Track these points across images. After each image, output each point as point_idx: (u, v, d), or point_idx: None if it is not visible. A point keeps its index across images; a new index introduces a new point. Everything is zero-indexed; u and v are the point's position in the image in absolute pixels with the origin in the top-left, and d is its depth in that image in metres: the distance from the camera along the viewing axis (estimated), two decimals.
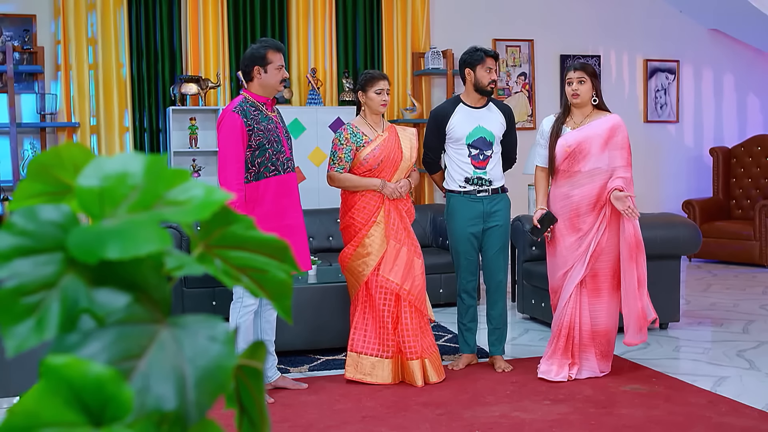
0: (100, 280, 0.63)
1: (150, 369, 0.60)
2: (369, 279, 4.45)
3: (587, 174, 4.46)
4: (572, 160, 4.50)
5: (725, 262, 8.78)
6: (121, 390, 0.55)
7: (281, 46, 4.26)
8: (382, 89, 4.50)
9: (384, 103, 4.51)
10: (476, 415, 3.94)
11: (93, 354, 0.59)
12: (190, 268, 0.71)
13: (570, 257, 4.48)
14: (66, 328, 0.61)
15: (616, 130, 4.46)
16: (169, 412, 0.59)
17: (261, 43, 4.22)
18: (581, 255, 4.45)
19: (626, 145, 4.48)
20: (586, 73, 4.48)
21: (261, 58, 4.16)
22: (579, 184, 4.48)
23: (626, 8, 9.33)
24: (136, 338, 0.62)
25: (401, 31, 8.40)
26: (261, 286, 0.80)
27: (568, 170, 4.52)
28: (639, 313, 4.38)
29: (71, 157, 0.74)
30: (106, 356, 0.59)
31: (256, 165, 4.11)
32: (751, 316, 6.13)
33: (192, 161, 7.63)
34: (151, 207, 0.66)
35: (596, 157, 4.45)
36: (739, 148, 9.30)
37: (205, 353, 0.63)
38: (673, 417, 3.87)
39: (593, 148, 4.45)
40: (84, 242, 0.62)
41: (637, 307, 4.37)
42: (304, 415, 3.99)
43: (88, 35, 7.46)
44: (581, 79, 4.49)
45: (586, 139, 4.46)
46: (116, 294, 0.63)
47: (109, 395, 0.55)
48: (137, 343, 0.61)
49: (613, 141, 4.45)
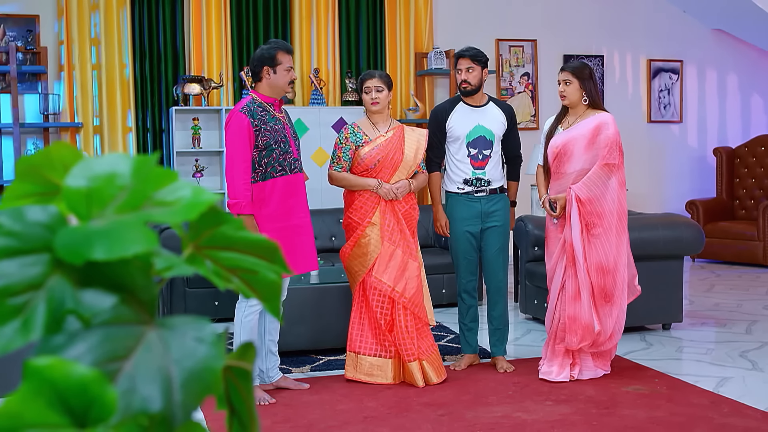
0: (87, 281, 0.63)
1: (136, 370, 0.60)
2: (365, 279, 4.45)
3: (573, 175, 4.45)
4: (559, 162, 4.50)
5: (729, 262, 8.76)
6: (104, 391, 0.55)
7: (291, 48, 4.28)
8: (369, 88, 4.49)
9: (373, 101, 4.48)
10: (478, 415, 3.94)
11: (78, 355, 0.59)
12: (179, 269, 0.70)
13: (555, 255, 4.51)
14: (52, 330, 0.60)
15: (600, 129, 4.43)
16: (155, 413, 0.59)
17: (271, 44, 4.25)
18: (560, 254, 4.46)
19: (610, 143, 4.39)
20: (572, 75, 4.48)
21: (271, 59, 4.18)
22: (566, 185, 4.47)
23: (630, 8, 9.32)
24: (122, 339, 0.61)
25: (404, 31, 8.40)
26: (251, 287, 0.80)
27: (557, 171, 4.52)
28: (572, 319, 4.38)
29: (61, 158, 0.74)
30: (91, 357, 0.59)
31: (263, 165, 4.12)
32: (754, 317, 6.12)
33: (195, 161, 7.63)
34: (139, 208, 0.66)
35: (580, 158, 4.43)
36: (743, 149, 9.28)
37: (193, 354, 0.63)
38: (675, 418, 3.87)
39: (576, 149, 4.44)
40: (70, 243, 0.62)
41: (571, 314, 4.38)
42: (305, 416, 3.98)
43: (91, 35, 7.47)
44: (567, 80, 4.49)
45: (570, 141, 4.45)
46: (102, 295, 0.63)
47: (92, 397, 0.54)
48: (123, 344, 0.61)
49: (598, 140, 4.42)
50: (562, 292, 4.48)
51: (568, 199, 4.38)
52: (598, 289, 4.37)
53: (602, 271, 4.36)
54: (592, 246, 4.36)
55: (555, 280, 4.50)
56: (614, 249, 4.38)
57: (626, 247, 4.47)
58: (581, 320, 4.36)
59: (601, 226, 4.36)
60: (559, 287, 4.48)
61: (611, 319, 4.42)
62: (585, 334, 4.37)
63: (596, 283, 4.36)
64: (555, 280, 4.50)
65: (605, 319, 4.40)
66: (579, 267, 4.34)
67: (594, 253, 4.36)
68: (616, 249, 4.39)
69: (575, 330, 4.38)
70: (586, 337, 4.37)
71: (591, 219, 4.36)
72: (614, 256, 4.38)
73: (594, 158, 4.43)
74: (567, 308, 4.41)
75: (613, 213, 4.39)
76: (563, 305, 4.46)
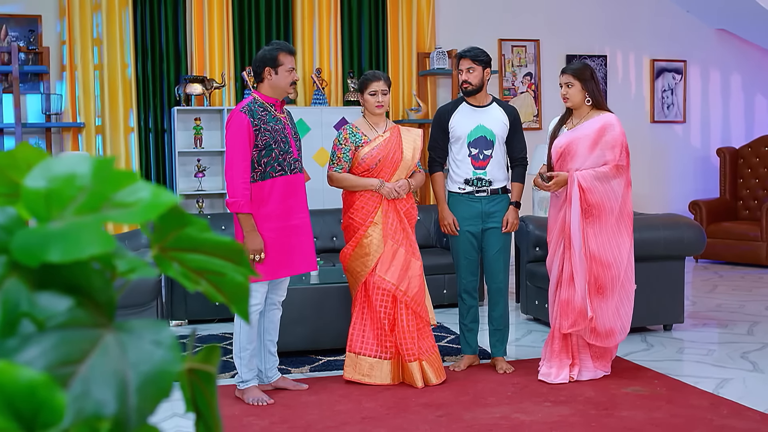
0: (44, 284, 0.63)
1: (91, 374, 0.59)
2: (367, 279, 4.44)
3: None
4: (562, 161, 4.49)
5: (732, 263, 8.73)
6: (53, 396, 0.54)
7: (293, 49, 4.28)
8: (375, 91, 4.48)
9: (379, 104, 4.48)
10: (476, 416, 3.93)
11: (31, 359, 0.58)
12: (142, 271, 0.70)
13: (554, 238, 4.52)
14: (5, 333, 0.60)
15: (605, 130, 4.42)
16: (109, 417, 0.58)
17: (273, 45, 4.26)
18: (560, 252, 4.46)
19: (618, 144, 4.40)
20: (573, 77, 4.47)
21: (272, 60, 4.19)
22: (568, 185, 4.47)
23: (633, 8, 9.30)
24: (77, 343, 0.61)
25: (406, 31, 8.39)
26: (219, 290, 0.79)
27: (560, 171, 4.51)
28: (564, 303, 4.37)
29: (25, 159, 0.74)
30: (44, 361, 0.58)
31: (262, 165, 4.12)
32: (756, 318, 6.09)
33: (197, 161, 7.63)
34: (98, 209, 0.65)
35: (584, 158, 4.42)
36: (747, 149, 9.25)
37: (149, 358, 0.62)
38: (674, 419, 3.85)
39: (581, 149, 4.43)
40: (26, 245, 0.61)
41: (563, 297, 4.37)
42: (303, 416, 3.98)
43: (93, 36, 7.48)
44: (568, 83, 4.49)
45: (575, 140, 4.45)
46: (58, 298, 0.62)
47: (41, 401, 0.54)
48: (78, 347, 0.60)
49: (603, 140, 4.41)
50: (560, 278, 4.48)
51: (570, 181, 4.37)
52: (591, 278, 4.37)
53: (597, 262, 4.35)
54: (590, 232, 4.36)
55: (554, 267, 4.50)
56: (613, 245, 4.37)
57: (629, 248, 4.44)
58: (574, 304, 4.35)
59: (598, 218, 4.36)
60: (558, 273, 4.47)
61: (607, 313, 4.40)
62: (578, 319, 4.36)
63: (590, 271, 4.36)
64: (554, 268, 4.50)
65: (598, 311, 4.39)
66: (575, 250, 4.33)
67: (592, 240, 4.36)
68: (617, 247, 4.38)
69: (567, 314, 4.38)
70: (578, 322, 4.36)
71: (589, 209, 4.36)
72: (613, 252, 4.37)
73: (598, 158, 4.42)
74: (561, 292, 4.41)
75: (613, 211, 4.38)
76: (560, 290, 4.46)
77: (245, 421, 3.91)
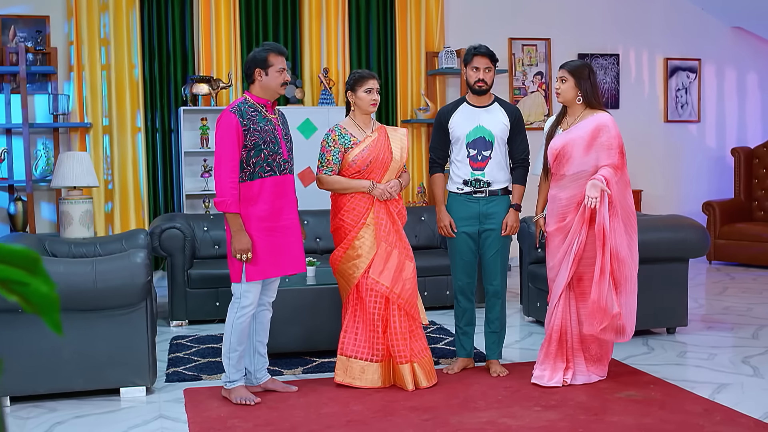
0: None
1: None
2: (360, 282, 4.39)
3: (572, 177, 4.38)
4: (558, 164, 4.43)
5: (745, 264, 8.59)
6: None
7: (283, 50, 4.26)
8: (371, 88, 4.44)
9: (374, 102, 4.45)
10: (462, 420, 3.87)
11: None
12: None
13: (557, 257, 4.42)
14: None
15: (600, 131, 4.35)
16: None
17: (263, 46, 4.25)
18: (564, 255, 4.37)
19: (614, 145, 4.33)
20: (568, 72, 4.41)
21: (262, 61, 4.18)
22: (565, 186, 4.41)
23: (646, 5, 9.18)
24: None
25: (415, 31, 8.34)
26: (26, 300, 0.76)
27: (556, 173, 4.46)
28: (596, 303, 4.25)
29: None
30: None
31: (251, 165, 4.11)
32: (763, 321, 5.98)
33: (203, 161, 7.64)
34: None
35: (579, 160, 4.36)
36: (762, 149, 9.09)
37: None
38: (665, 425, 3.77)
39: (575, 151, 4.36)
40: None
41: (594, 297, 4.26)
42: (289, 419, 3.95)
43: (100, 36, 7.51)
44: (563, 77, 4.44)
45: (569, 143, 4.38)
46: None
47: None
48: None
49: (598, 142, 4.34)
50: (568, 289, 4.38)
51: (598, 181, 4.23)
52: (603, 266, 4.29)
53: (616, 257, 4.27)
54: (612, 230, 4.28)
55: (559, 278, 4.40)
56: (625, 242, 4.30)
57: (635, 246, 4.38)
58: (600, 302, 4.24)
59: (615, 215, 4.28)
60: (564, 285, 4.37)
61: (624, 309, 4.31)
62: (603, 317, 4.27)
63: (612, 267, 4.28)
64: (559, 279, 4.40)
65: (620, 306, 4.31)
66: (607, 249, 4.24)
67: (613, 237, 4.28)
68: (627, 245, 4.31)
69: (596, 314, 4.27)
70: (604, 320, 4.28)
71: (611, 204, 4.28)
72: (625, 249, 4.30)
73: (593, 160, 4.35)
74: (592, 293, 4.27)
75: (623, 207, 4.32)
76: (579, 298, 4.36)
77: (230, 423, 3.89)
